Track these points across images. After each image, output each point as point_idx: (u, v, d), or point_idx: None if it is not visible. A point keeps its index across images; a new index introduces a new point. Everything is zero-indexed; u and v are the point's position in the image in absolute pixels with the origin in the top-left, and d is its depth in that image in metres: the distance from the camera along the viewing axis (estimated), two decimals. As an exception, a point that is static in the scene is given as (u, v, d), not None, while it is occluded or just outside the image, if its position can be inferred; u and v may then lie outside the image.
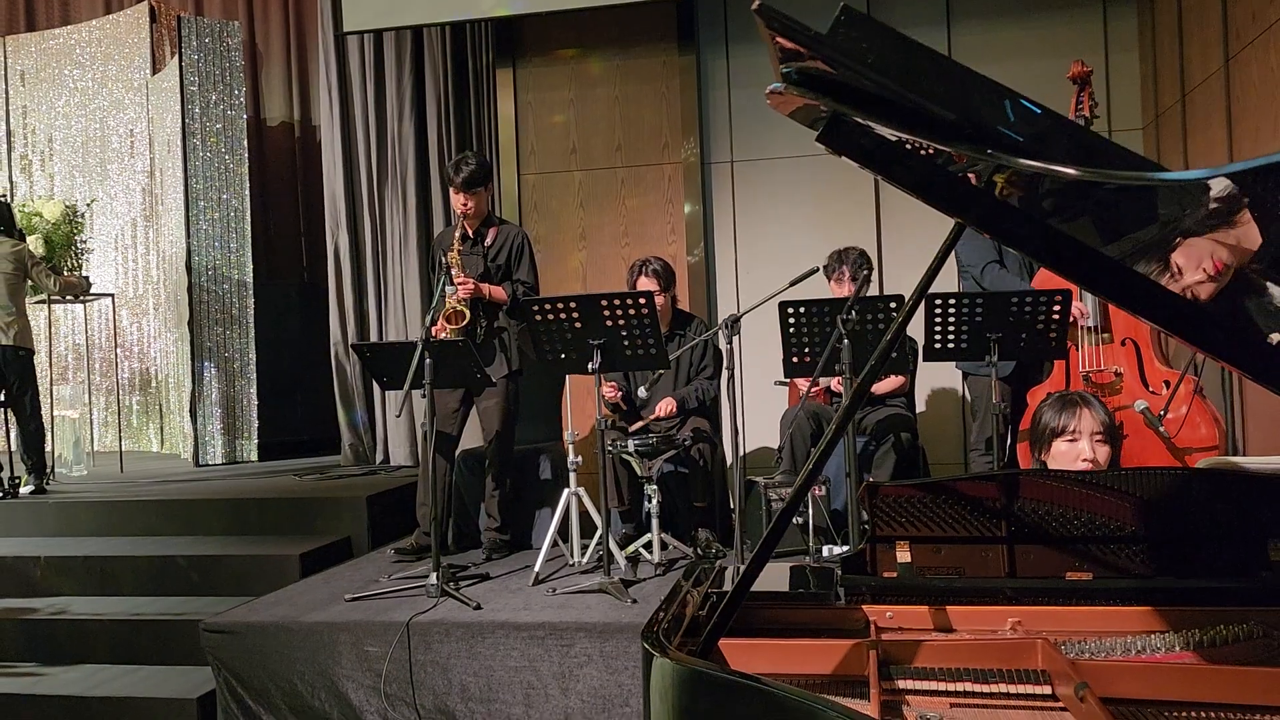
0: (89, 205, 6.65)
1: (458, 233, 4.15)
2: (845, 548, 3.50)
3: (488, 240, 4.19)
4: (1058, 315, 3.29)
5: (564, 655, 3.09)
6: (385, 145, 5.97)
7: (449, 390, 4.11)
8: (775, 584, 1.84)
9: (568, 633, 3.10)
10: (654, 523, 3.72)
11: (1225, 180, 1.05)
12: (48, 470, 5.45)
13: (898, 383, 4.25)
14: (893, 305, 3.48)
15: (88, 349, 7.18)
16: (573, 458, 3.77)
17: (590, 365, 3.53)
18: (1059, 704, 1.36)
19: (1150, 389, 3.46)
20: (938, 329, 3.42)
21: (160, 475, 5.88)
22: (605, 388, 4.03)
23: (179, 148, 6.38)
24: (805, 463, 1.36)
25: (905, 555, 1.77)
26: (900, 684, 1.43)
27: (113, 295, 6.85)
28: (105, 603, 4.12)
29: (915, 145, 1.27)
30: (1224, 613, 1.55)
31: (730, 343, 3.61)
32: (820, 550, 3.59)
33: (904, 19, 5.12)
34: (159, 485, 5.43)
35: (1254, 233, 1.11)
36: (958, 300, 3.38)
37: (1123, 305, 1.37)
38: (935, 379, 5.11)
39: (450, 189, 4.11)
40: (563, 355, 3.59)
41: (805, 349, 3.59)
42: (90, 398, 7.12)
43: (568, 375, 4.29)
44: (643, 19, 5.54)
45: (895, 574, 1.77)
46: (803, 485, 1.47)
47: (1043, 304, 3.29)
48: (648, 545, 3.80)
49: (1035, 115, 1.15)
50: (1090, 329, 3.56)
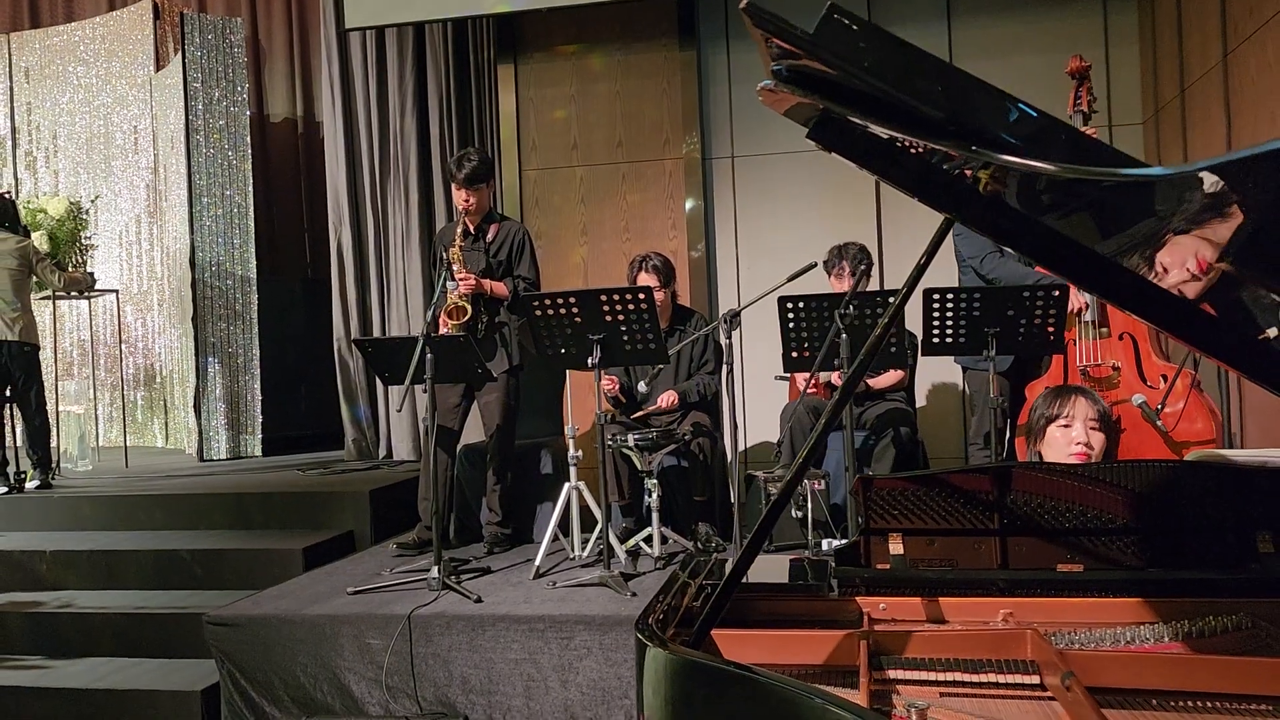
0: (93, 202, 6.67)
1: (459, 228, 4.17)
2: (844, 541, 3.51)
3: (489, 236, 4.20)
4: (1055, 309, 3.30)
5: (564, 648, 3.11)
6: (388, 141, 5.99)
7: (450, 385, 4.13)
8: (776, 577, 1.86)
9: (568, 626, 3.12)
10: (654, 517, 3.74)
11: (1205, 175, 1.05)
12: (53, 465, 5.48)
13: (897, 377, 4.26)
14: (890, 300, 3.48)
15: (92, 345, 7.22)
16: (573, 452, 3.79)
17: (590, 360, 3.54)
18: (1047, 693, 1.38)
19: (1148, 383, 3.47)
20: (935, 323, 3.43)
21: (165, 470, 5.91)
22: (604, 380, 4.04)
23: (182, 144, 6.41)
24: (809, 463, 1.38)
25: (898, 547, 1.79)
26: (891, 674, 1.45)
27: (117, 291, 6.88)
28: (110, 596, 4.15)
29: (905, 143, 1.28)
30: (1213, 604, 1.57)
31: (729, 337, 3.63)
32: (820, 544, 3.61)
33: (905, 15, 5.11)
34: (163, 480, 5.46)
35: (1235, 226, 1.12)
36: (955, 294, 3.39)
37: (1116, 303, 1.38)
38: (935, 373, 5.12)
39: (452, 185, 4.13)
40: (562, 350, 3.60)
41: (805, 344, 3.61)
42: (95, 393, 7.16)
43: (568, 370, 4.31)
44: (643, 14, 5.55)
45: (888, 566, 1.79)
46: (794, 477, 1.49)
47: (1040, 298, 3.30)
48: (648, 539, 3.82)
49: (1020, 112, 1.15)
50: (1088, 324, 3.57)
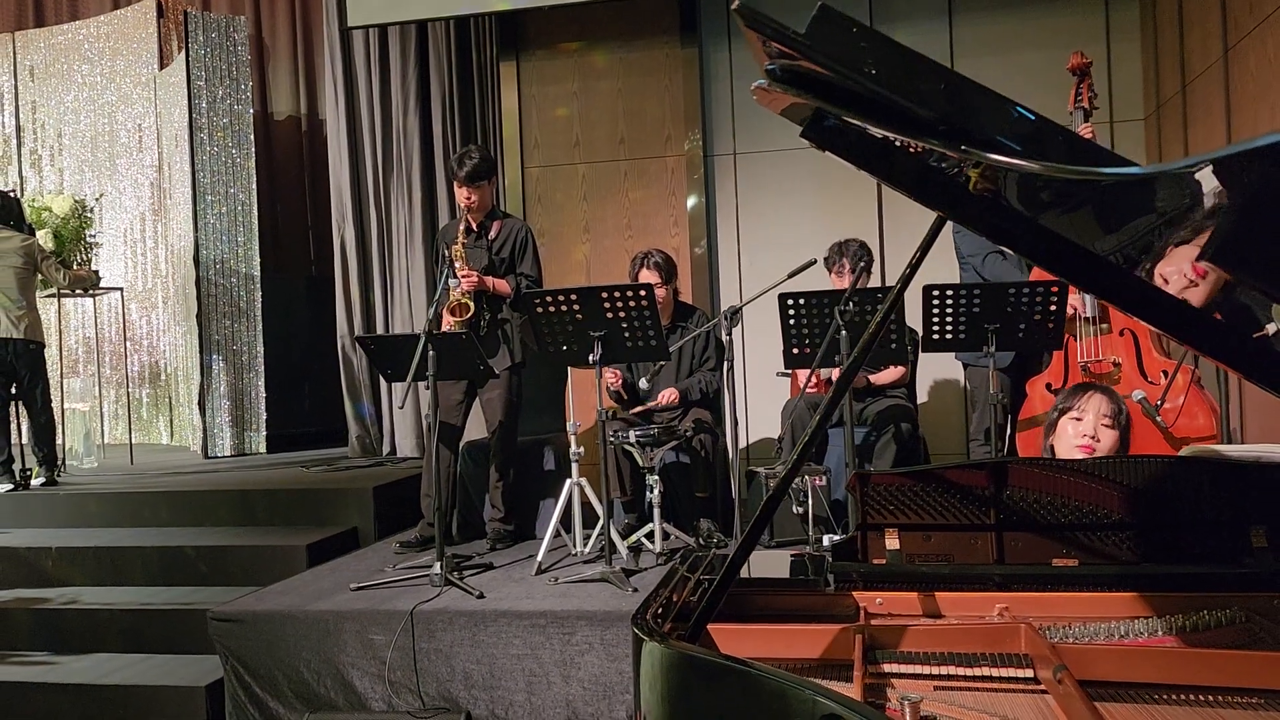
0: (98, 200, 6.70)
1: (462, 226, 4.18)
2: (842, 537, 3.52)
3: (491, 233, 4.22)
4: (1055, 306, 3.30)
5: (566, 643, 3.13)
6: (390, 139, 6.01)
7: (453, 382, 4.15)
8: (777, 572, 1.87)
9: (570, 621, 3.14)
10: (656, 513, 3.75)
11: (1197, 172, 1.06)
12: (59, 462, 5.51)
13: (898, 374, 4.28)
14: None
15: (97, 342, 7.25)
16: (575, 448, 3.80)
17: (591, 357, 3.55)
18: (1040, 686, 1.39)
19: (1148, 379, 3.47)
20: (936, 320, 3.44)
21: (169, 467, 5.94)
22: (607, 374, 4.06)
23: (186, 142, 6.43)
24: (806, 454, 1.38)
25: (894, 542, 1.81)
26: (886, 667, 1.46)
27: (122, 289, 6.91)
28: (115, 593, 4.18)
29: (899, 142, 1.29)
30: (1207, 598, 1.58)
31: (730, 334, 3.64)
32: (820, 540, 3.61)
33: (906, 12, 5.11)
34: (168, 477, 5.49)
35: (1226, 224, 1.12)
36: (955, 291, 3.39)
37: (1113, 302, 1.39)
38: (936, 370, 5.13)
39: (454, 183, 4.14)
40: (564, 347, 3.61)
41: (805, 341, 3.62)
42: (100, 391, 7.19)
43: (570, 367, 4.32)
44: (645, 12, 5.56)
45: (885, 561, 1.81)
46: (789, 471, 1.50)
47: (1040, 295, 3.30)
48: (649, 535, 3.84)
49: (1014, 114, 1.16)
50: (1089, 320, 3.57)
